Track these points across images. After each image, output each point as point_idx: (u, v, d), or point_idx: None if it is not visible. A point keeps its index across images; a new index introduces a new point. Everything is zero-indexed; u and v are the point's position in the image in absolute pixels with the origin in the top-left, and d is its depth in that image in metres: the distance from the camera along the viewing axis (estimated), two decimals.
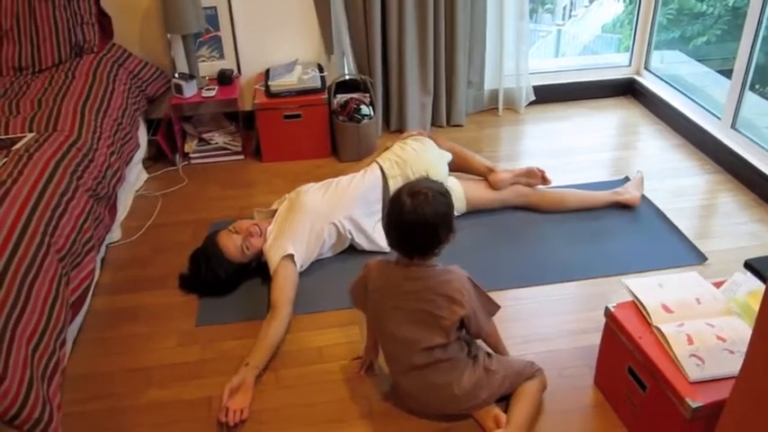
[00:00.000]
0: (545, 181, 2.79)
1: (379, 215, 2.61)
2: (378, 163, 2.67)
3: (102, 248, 2.63)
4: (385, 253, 2.56)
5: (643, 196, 2.86)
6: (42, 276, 1.87)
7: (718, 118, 3.22)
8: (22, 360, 1.65)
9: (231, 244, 2.40)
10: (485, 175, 2.81)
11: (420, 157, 2.64)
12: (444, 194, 1.75)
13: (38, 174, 2.13)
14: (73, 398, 2.02)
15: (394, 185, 2.60)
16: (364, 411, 1.96)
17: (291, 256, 2.36)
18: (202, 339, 2.25)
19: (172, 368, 2.14)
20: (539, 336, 2.20)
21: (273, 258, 2.36)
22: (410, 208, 1.69)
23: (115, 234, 2.75)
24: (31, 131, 2.45)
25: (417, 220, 1.69)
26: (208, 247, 2.43)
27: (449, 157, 2.75)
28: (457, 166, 2.82)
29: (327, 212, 2.49)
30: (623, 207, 2.81)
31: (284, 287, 2.27)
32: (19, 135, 2.42)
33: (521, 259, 2.57)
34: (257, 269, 2.47)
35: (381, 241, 2.57)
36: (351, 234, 2.53)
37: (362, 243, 2.57)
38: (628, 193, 2.82)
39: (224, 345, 2.22)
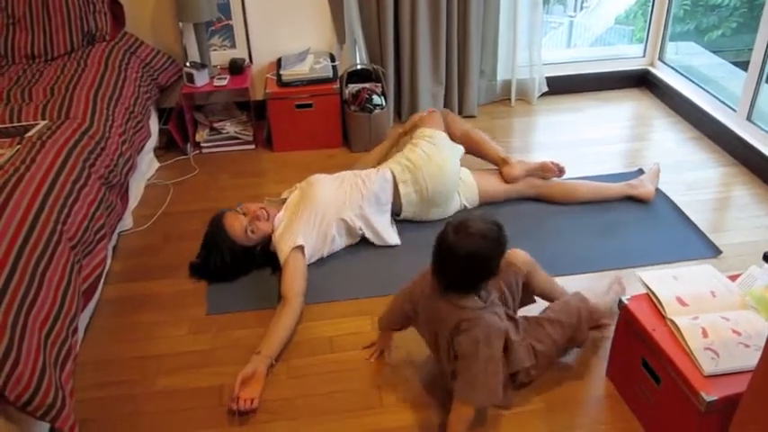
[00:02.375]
0: (561, 172, 2.77)
1: (389, 214, 2.60)
2: (389, 168, 2.64)
3: (114, 237, 2.63)
4: (393, 247, 2.57)
5: (657, 189, 2.84)
6: (55, 263, 1.87)
7: (734, 110, 3.19)
8: (35, 346, 1.65)
9: (237, 224, 2.39)
10: (498, 164, 2.79)
11: (431, 160, 2.60)
12: (489, 239, 1.67)
13: (50, 161, 2.13)
14: (84, 384, 2.02)
15: (404, 190, 2.59)
16: (375, 401, 1.96)
17: (301, 248, 2.35)
18: (213, 328, 2.25)
19: (183, 356, 2.14)
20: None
21: (284, 249, 2.35)
22: (451, 241, 1.67)
23: (127, 222, 2.75)
24: (43, 119, 2.45)
25: (453, 254, 1.67)
26: (213, 228, 2.42)
27: (461, 151, 2.72)
28: (470, 150, 2.79)
29: (338, 207, 2.48)
30: (637, 200, 2.78)
31: (294, 278, 2.26)
32: (32, 122, 2.43)
33: (534, 251, 2.52)
34: (266, 257, 2.46)
35: (391, 239, 2.57)
36: (361, 230, 2.53)
37: (372, 238, 2.56)
38: (643, 187, 2.79)
39: (235, 333, 2.22)
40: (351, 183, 2.56)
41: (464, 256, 1.66)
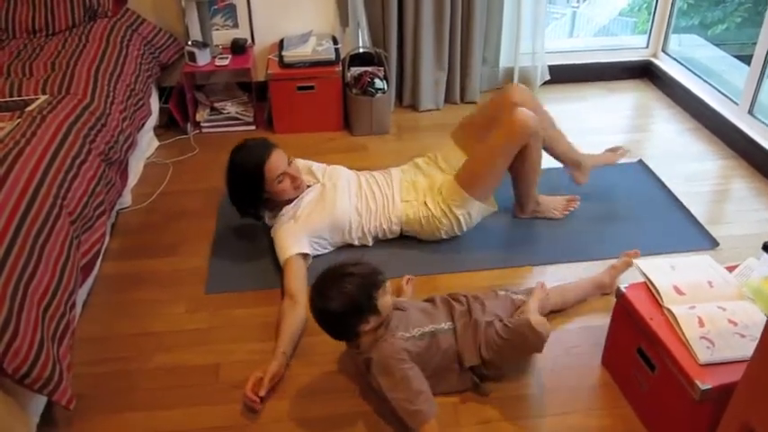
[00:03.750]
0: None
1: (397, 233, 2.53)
2: (405, 217, 2.47)
3: (113, 214, 2.63)
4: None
5: (657, 179, 2.84)
6: (54, 238, 1.87)
7: (736, 103, 3.19)
8: (33, 320, 1.65)
9: (278, 163, 2.32)
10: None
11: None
12: (344, 299, 1.76)
13: (51, 135, 2.12)
14: (82, 360, 2.02)
15: (413, 228, 2.50)
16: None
17: (307, 255, 2.33)
18: (211, 306, 2.25)
19: (180, 334, 2.15)
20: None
21: (286, 250, 2.29)
22: (317, 305, 1.81)
23: (126, 200, 2.75)
24: (44, 94, 2.44)
25: (320, 318, 1.82)
26: (263, 145, 2.36)
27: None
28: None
29: (349, 232, 2.43)
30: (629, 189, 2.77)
31: (298, 278, 2.23)
32: (32, 97, 2.41)
33: (533, 239, 2.56)
34: (256, 209, 2.45)
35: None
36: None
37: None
38: (583, 171, 2.69)
39: (233, 312, 2.22)
40: (370, 212, 2.45)
41: (325, 319, 1.81)
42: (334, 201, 2.41)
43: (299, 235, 2.35)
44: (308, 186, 2.48)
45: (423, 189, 2.47)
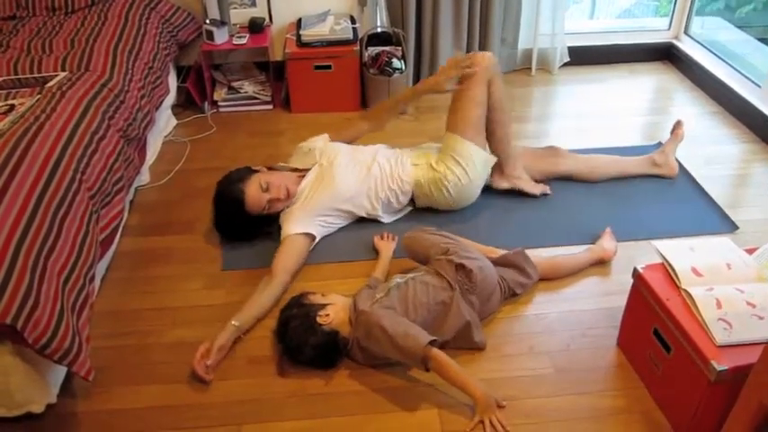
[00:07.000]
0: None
1: (405, 204, 2.55)
2: (413, 179, 2.50)
3: (131, 191, 2.65)
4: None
5: (677, 162, 2.81)
6: (74, 212, 1.89)
7: (759, 86, 3.13)
8: (53, 292, 1.68)
9: (257, 202, 2.33)
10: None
11: (453, 202, 2.51)
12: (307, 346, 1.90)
13: (70, 111, 2.14)
14: (99, 333, 2.05)
15: (419, 205, 2.55)
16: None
17: (309, 235, 2.33)
18: (228, 283, 2.27)
19: (197, 310, 2.17)
20: (564, 295, 2.20)
21: (284, 232, 2.31)
22: (300, 360, 1.95)
23: (144, 177, 2.77)
24: (63, 70, 2.46)
25: (309, 363, 1.95)
26: (234, 192, 2.34)
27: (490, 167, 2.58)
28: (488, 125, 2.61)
29: (356, 206, 2.44)
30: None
31: (289, 256, 2.24)
32: (52, 73, 2.43)
33: (550, 220, 2.55)
34: (270, 221, 2.44)
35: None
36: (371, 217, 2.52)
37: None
38: (666, 166, 2.72)
39: (249, 289, 2.22)
40: (374, 179, 2.45)
41: (311, 361, 1.94)
42: (333, 176, 2.42)
43: (301, 216, 2.36)
44: (306, 171, 2.49)
45: (430, 157, 2.51)
